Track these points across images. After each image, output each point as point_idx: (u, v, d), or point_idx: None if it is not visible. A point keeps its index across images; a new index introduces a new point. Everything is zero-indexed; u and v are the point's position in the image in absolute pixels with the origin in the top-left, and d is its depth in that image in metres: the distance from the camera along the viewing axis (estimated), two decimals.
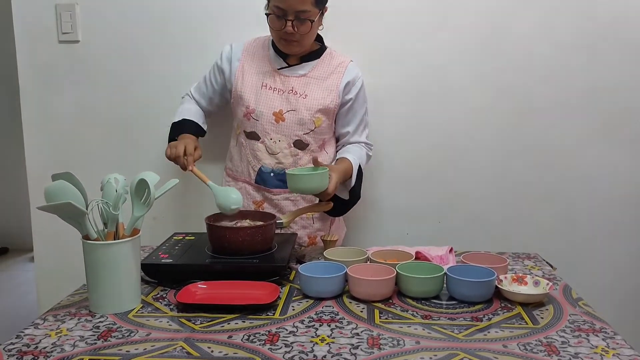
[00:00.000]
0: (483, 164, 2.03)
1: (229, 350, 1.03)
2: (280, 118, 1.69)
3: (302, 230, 1.77)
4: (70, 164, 2.04)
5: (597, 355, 1.01)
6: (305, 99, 1.69)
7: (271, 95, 1.70)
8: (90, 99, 2.06)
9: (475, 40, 1.96)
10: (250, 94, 1.71)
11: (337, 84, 1.72)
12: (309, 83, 1.71)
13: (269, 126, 1.70)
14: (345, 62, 1.75)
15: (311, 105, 1.69)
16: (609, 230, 2.04)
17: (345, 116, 1.76)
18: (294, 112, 1.69)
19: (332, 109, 1.72)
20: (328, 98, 1.70)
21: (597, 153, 2.01)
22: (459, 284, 1.26)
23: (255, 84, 1.72)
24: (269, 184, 1.74)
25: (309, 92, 1.70)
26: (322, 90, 1.70)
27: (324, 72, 1.72)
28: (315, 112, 1.69)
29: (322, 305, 1.25)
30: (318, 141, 1.74)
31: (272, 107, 1.69)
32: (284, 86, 1.70)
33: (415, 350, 1.03)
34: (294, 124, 1.69)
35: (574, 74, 1.96)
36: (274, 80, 1.71)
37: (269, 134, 1.70)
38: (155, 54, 2.02)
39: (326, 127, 1.74)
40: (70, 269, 1.99)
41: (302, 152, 1.72)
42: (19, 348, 1.04)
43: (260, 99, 1.70)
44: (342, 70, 1.73)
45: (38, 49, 2.04)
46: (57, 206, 1.13)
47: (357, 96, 1.75)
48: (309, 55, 1.73)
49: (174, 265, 1.37)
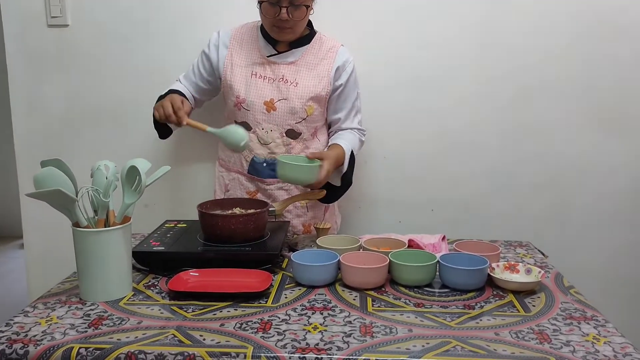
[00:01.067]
0: (477, 153, 2.02)
1: (221, 339, 1.02)
2: (272, 107, 1.67)
3: (296, 219, 1.76)
4: (59, 150, 2.02)
5: (589, 343, 1.02)
6: (296, 87, 1.67)
7: (261, 84, 1.67)
8: (80, 84, 2.03)
9: (470, 28, 1.94)
10: (240, 84, 1.68)
11: (328, 70, 1.69)
12: (300, 70, 1.68)
13: (260, 116, 1.68)
14: (336, 47, 1.72)
15: (303, 94, 1.67)
16: (602, 219, 2.05)
17: (337, 102, 1.74)
18: (285, 101, 1.67)
19: (323, 97, 1.70)
20: (319, 85, 1.68)
21: (591, 143, 2.00)
22: (451, 272, 1.26)
23: (244, 73, 1.69)
24: (262, 174, 1.72)
25: (299, 80, 1.67)
26: (313, 78, 1.68)
27: (315, 58, 1.70)
28: (307, 101, 1.67)
29: (314, 293, 1.25)
30: (310, 129, 1.72)
31: (263, 97, 1.67)
32: (274, 74, 1.68)
33: (408, 338, 1.03)
34: (285, 113, 1.67)
35: (571, 63, 1.95)
36: (263, 69, 1.68)
37: (261, 124, 1.68)
38: (146, 39, 1.99)
39: (318, 114, 1.72)
40: (60, 256, 1.98)
41: (294, 141, 1.70)
42: (9, 336, 1.03)
43: (251, 89, 1.67)
44: (333, 56, 1.70)
45: (27, 34, 2.00)
46: (46, 193, 1.12)
47: (347, 81, 1.72)
48: (298, 40, 1.70)
49: (165, 253, 1.36)
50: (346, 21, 1.94)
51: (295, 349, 0.98)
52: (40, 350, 0.99)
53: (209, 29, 1.80)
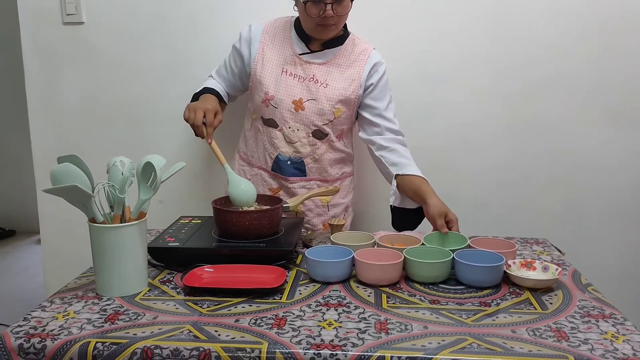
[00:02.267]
0: (488, 148, 2.00)
1: (236, 334, 1.02)
2: (300, 107, 1.65)
3: (317, 218, 1.76)
4: (75, 146, 2.04)
5: (607, 341, 1.00)
6: (326, 88, 1.65)
7: (291, 83, 1.65)
8: (95, 81, 2.04)
9: (481, 22, 1.92)
10: (270, 80, 1.66)
11: (359, 73, 1.67)
12: (331, 71, 1.66)
13: (287, 114, 1.66)
14: (368, 50, 1.70)
15: (332, 96, 1.65)
16: (618, 216, 2.02)
17: (371, 97, 1.68)
18: (314, 101, 1.65)
19: (353, 100, 1.67)
20: (350, 88, 1.66)
21: (605, 138, 1.98)
22: (467, 268, 1.25)
23: (275, 69, 1.67)
24: (286, 172, 1.71)
25: (330, 81, 1.65)
26: (344, 80, 1.66)
27: (347, 60, 1.67)
28: (336, 103, 1.65)
29: (329, 289, 1.24)
30: (336, 131, 1.71)
31: (292, 95, 1.65)
32: (304, 73, 1.66)
33: (424, 335, 1.02)
34: (313, 114, 1.65)
35: (583, 58, 1.93)
36: (294, 67, 1.66)
37: (288, 122, 1.67)
38: (161, 35, 1.99)
39: (346, 117, 1.70)
40: (76, 251, 2.00)
41: (320, 141, 1.69)
42: (27, 330, 1.04)
43: (280, 86, 1.65)
44: (365, 59, 1.68)
45: (42, 31, 2.02)
46: (63, 189, 1.13)
47: (379, 81, 1.68)
48: (331, 41, 1.67)
49: (180, 249, 1.37)
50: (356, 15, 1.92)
51: (310, 345, 0.98)
52: (57, 344, 1.00)
53: (225, 25, 1.80)
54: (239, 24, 1.78)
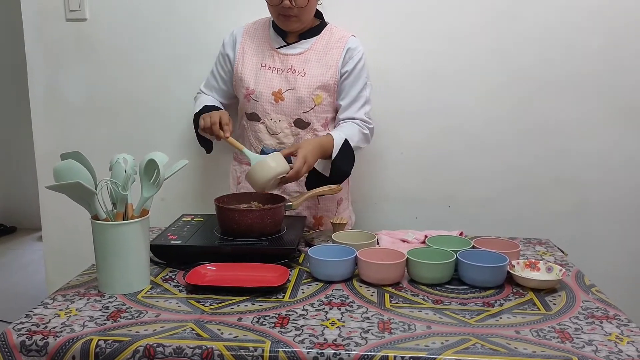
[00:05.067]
0: (494, 148, 1.99)
1: (238, 333, 1.02)
2: (280, 97, 1.67)
3: (306, 210, 1.75)
4: (78, 143, 2.03)
5: (611, 343, 1.00)
6: (304, 77, 1.67)
7: (270, 75, 1.68)
8: (98, 78, 2.04)
9: (487, 21, 1.91)
10: (250, 76, 1.70)
11: (337, 58, 1.68)
12: (308, 60, 1.68)
13: (268, 106, 1.68)
14: (346, 37, 1.71)
15: (310, 83, 1.67)
16: (623, 216, 2.01)
17: (341, 89, 1.71)
18: (292, 90, 1.67)
19: (332, 85, 1.69)
20: (327, 74, 1.67)
21: (612, 139, 1.97)
22: (470, 269, 1.25)
23: (254, 65, 1.70)
24: None
25: (308, 70, 1.67)
26: (322, 67, 1.68)
27: (324, 48, 1.69)
28: (315, 90, 1.67)
29: (331, 288, 1.24)
30: (320, 120, 1.71)
31: (271, 87, 1.68)
32: (282, 65, 1.68)
33: (427, 335, 1.02)
34: (293, 103, 1.67)
35: (591, 56, 1.91)
36: (273, 60, 1.69)
37: (269, 114, 1.68)
38: (164, 32, 1.99)
39: (328, 104, 1.71)
40: (78, 248, 2.00)
41: (303, 131, 1.70)
42: (29, 327, 1.04)
43: (260, 80, 1.68)
44: (342, 45, 1.69)
45: (45, 28, 2.01)
46: (66, 186, 1.12)
47: (354, 68, 1.69)
48: (308, 32, 1.70)
49: (183, 247, 1.37)
50: (361, 15, 1.93)
51: (313, 345, 0.98)
52: (59, 342, 1.00)
53: (229, 21, 1.80)
54: (244, 20, 1.78)
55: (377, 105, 1.82)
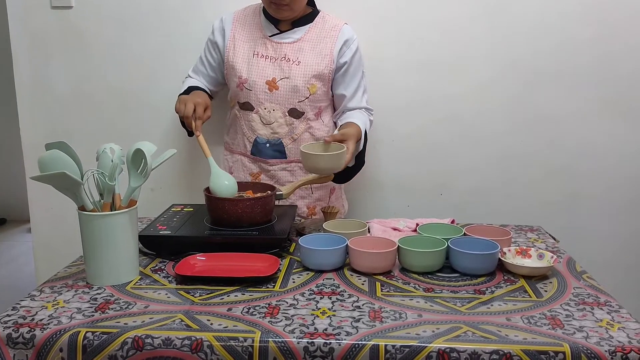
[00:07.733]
0: (487, 136, 1.99)
1: (228, 323, 1.01)
2: (274, 86, 1.65)
3: (300, 200, 1.74)
4: (65, 133, 2.00)
5: (602, 329, 1.00)
6: (298, 65, 1.65)
7: (263, 64, 1.66)
8: (84, 66, 2.00)
9: (481, 11, 1.90)
10: (242, 64, 1.67)
11: (331, 47, 1.67)
12: (302, 49, 1.66)
13: (262, 95, 1.66)
14: (339, 25, 1.70)
15: (305, 72, 1.65)
16: (614, 204, 2.02)
17: (342, 80, 1.70)
18: (287, 79, 1.65)
19: (327, 75, 1.67)
20: (322, 63, 1.66)
21: (604, 130, 1.96)
22: (461, 256, 1.25)
23: (246, 52, 1.68)
24: (265, 154, 1.71)
25: (302, 59, 1.65)
26: (316, 56, 1.66)
27: (317, 37, 1.68)
28: (310, 79, 1.65)
29: (322, 277, 1.23)
30: (314, 109, 1.70)
31: (265, 76, 1.65)
32: (276, 53, 1.66)
33: (418, 324, 1.01)
34: (288, 92, 1.65)
35: (583, 46, 1.90)
36: (265, 48, 1.67)
37: (263, 104, 1.67)
38: (151, 20, 1.96)
39: (322, 94, 1.69)
40: (67, 240, 1.97)
41: (297, 120, 1.68)
42: (15, 320, 1.03)
43: (253, 68, 1.66)
44: (336, 34, 1.68)
45: (30, 15, 1.97)
46: (51, 176, 1.10)
47: (352, 59, 1.69)
48: (300, 19, 1.68)
49: (172, 237, 1.35)
50: (356, 3, 1.90)
51: (303, 334, 0.97)
52: (46, 334, 0.98)
53: (218, 11, 1.77)
54: (233, 9, 1.75)
55: (370, 94, 1.81)
